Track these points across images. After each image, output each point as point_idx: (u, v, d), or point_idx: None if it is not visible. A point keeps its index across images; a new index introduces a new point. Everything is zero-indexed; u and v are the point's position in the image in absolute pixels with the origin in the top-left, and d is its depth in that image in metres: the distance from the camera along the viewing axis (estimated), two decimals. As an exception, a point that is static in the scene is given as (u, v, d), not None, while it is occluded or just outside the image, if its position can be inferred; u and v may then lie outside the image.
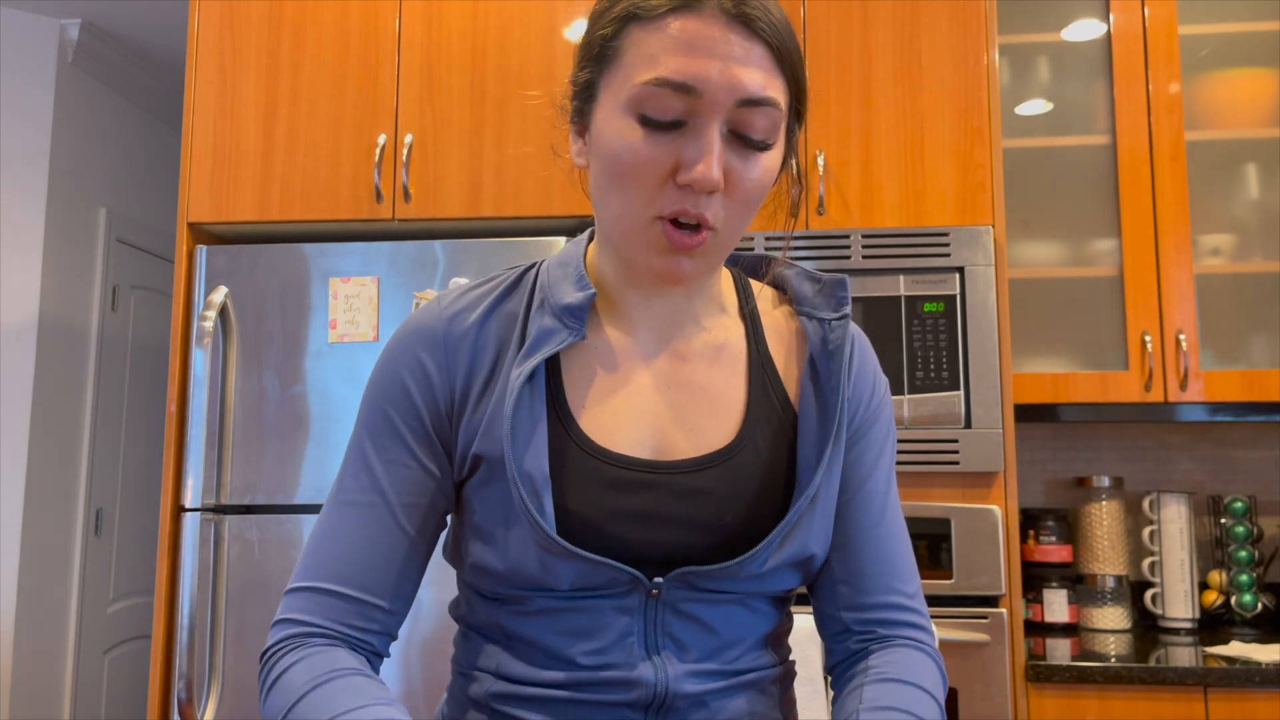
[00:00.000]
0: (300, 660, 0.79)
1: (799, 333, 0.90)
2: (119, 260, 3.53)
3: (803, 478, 0.83)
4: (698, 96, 0.74)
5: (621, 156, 0.77)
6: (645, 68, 0.75)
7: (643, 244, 0.79)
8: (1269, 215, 2.28)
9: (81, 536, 3.28)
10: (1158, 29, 2.27)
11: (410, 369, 0.84)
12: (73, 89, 3.27)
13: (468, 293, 0.88)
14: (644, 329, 0.87)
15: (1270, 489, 2.45)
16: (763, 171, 0.78)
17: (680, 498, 0.81)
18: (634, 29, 0.77)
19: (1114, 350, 2.24)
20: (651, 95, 0.75)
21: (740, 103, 0.75)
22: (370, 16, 2.16)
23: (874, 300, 2.03)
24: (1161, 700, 1.85)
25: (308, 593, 0.82)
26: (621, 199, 0.78)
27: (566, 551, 0.78)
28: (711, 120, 0.75)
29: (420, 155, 2.10)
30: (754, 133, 0.76)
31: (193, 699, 1.91)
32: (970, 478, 1.98)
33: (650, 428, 0.83)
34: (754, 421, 0.85)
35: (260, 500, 2.01)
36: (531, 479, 0.79)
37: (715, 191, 0.76)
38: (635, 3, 0.77)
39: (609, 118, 0.78)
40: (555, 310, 0.83)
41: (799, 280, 0.91)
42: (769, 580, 0.83)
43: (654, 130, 0.75)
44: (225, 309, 2.05)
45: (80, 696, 3.25)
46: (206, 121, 2.16)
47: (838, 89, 2.15)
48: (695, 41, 0.74)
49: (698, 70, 0.74)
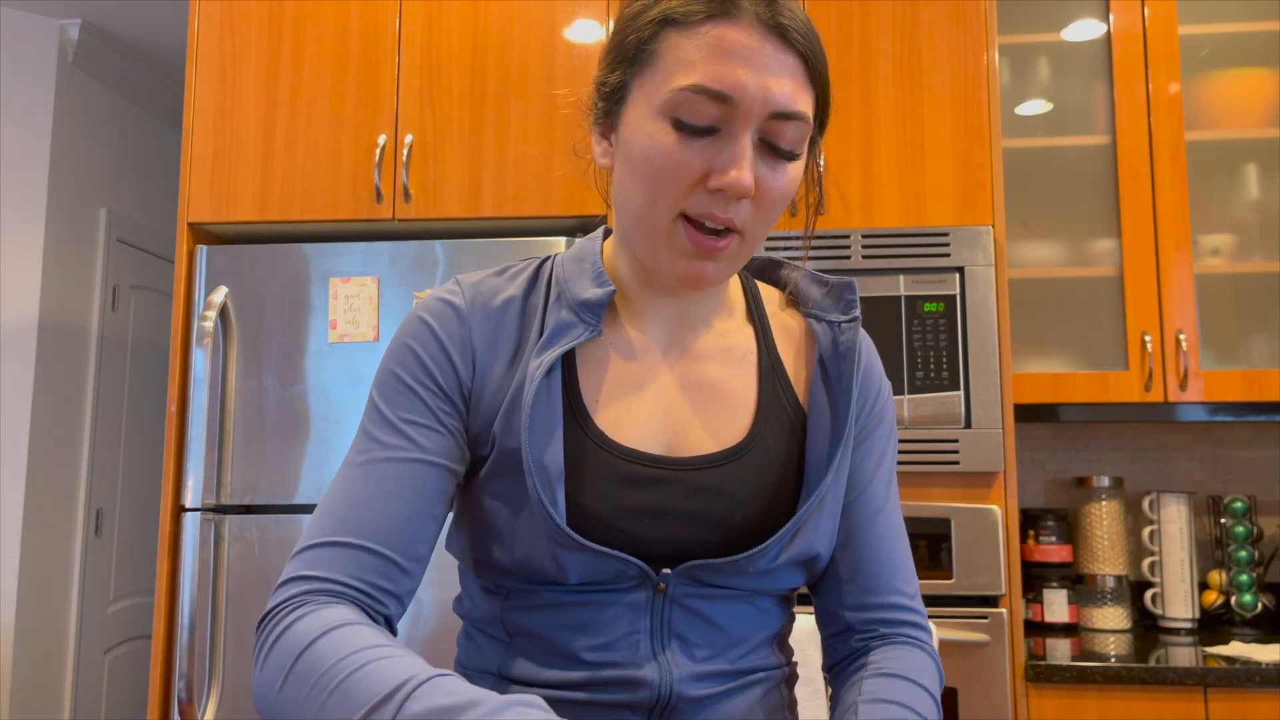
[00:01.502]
0: (309, 614, 0.72)
1: (807, 335, 0.91)
2: (119, 260, 3.53)
3: (812, 477, 0.84)
4: (733, 105, 0.75)
5: (653, 158, 0.77)
6: (682, 73, 0.76)
7: (665, 245, 0.80)
8: (1269, 215, 2.28)
9: (81, 536, 3.28)
10: (1158, 29, 2.27)
11: (432, 340, 0.84)
12: (73, 89, 3.27)
13: (488, 278, 0.88)
14: (657, 328, 0.88)
15: (1270, 489, 2.45)
16: (789, 180, 0.79)
17: (691, 494, 0.81)
18: (670, 33, 0.77)
19: (1114, 350, 2.24)
20: (687, 101, 0.76)
21: (772, 114, 0.76)
22: (370, 16, 2.16)
23: (874, 300, 2.03)
24: (1161, 700, 1.85)
25: (321, 548, 0.77)
26: (648, 199, 0.79)
27: (577, 544, 0.78)
28: (745, 128, 0.76)
29: (420, 155, 2.10)
30: (783, 143, 0.78)
31: (193, 699, 1.91)
32: (970, 478, 1.98)
33: (663, 425, 0.84)
34: (764, 421, 0.85)
35: (260, 500, 2.01)
36: (546, 471, 0.79)
37: (746, 197, 0.77)
38: (673, 7, 0.78)
39: (641, 120, 0.78)
40: (573, 305, 0.83)
41: (806, 283, 0.93)
42: (775, 578, 0.83)
43: (688, 135, 0.76)
44: (225, 309, 2.05)
45: (80, 696, 3.25)
46: (206, 121, 2.16)
47: (838, 89, 2.15)
48: (733, 50, 0.75)
49: (735, 79, 0.75)
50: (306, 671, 0.68)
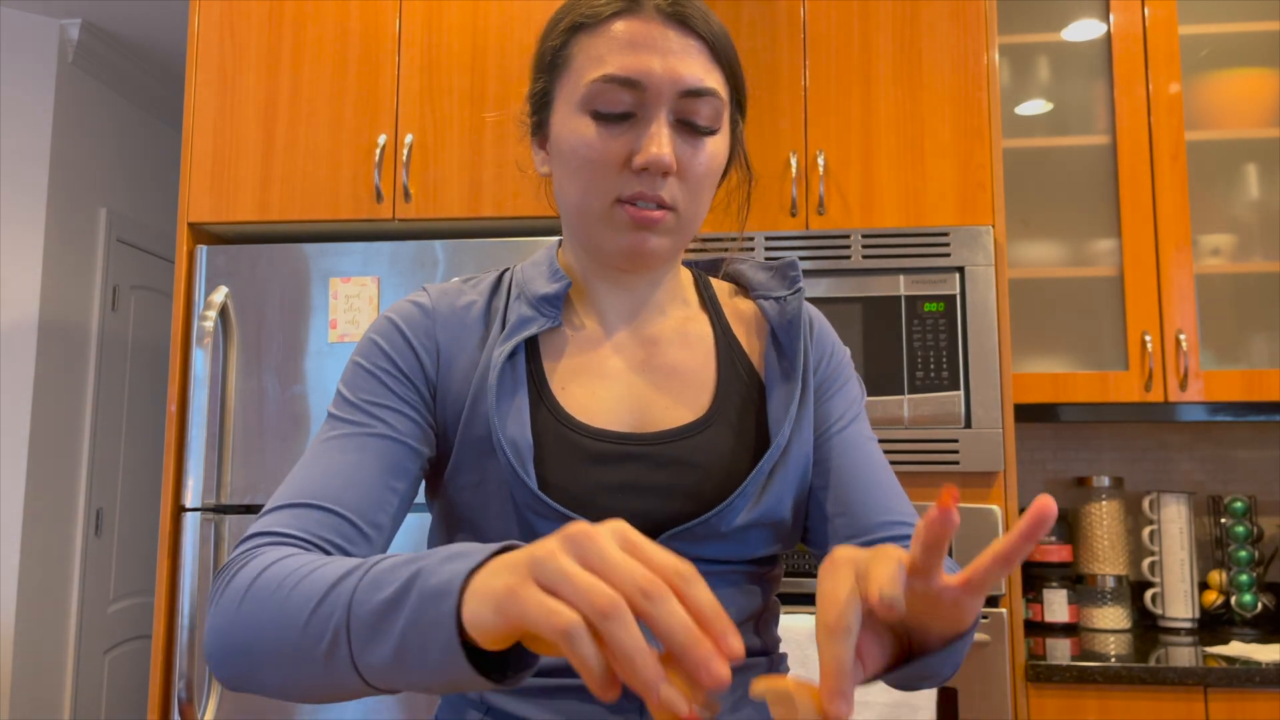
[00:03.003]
0: (265, 554, 0.72)
1: (758, 315, 0.96)
2: (119, 260, 3.53)
3: (772, 431, 0.87)
4: (643, 90, 0.81)
5: (580, 151, 0.83)
6: (593, 68, 0.82)
7: (606, 228, 0.85)
8: (1269, 215, 2.28)
9: (81, 536, 3.28)
10: (1158, 29, 2.27)
11: (399, 336, 0.88)
12: (73, 89, 3.27)
13: (454, 284, 0.93)
14: (615, 319, 0.92)
15: (1270, 489, 2.45)
16: (710, 156, 0.84)
17: (661, 467, 0.84)
18: (581, 36, 0.84)
19: (1114, 350, 2.24)
20: (601, 92, 0.82)
21: (683, 93, 0.82)
22: (370, 16, 2.16)
23: (874, 300, 2.03)
24: (1161, 700, 1.85)
25: (277, 511, 0.77)
26: (582, 190, 0.84)
27: (552, 511, 0.80)
28: (658, 109, 0.82)
29: (420, 155, 2.10)
30: (699, 119, 0.83)
31: (193, 699, 1.91)
32: (970, 478, 1.98)
33: (628, 406, 0.88)
34: (725, 394, 0.90)
35: (261, 500, 2.01)
36: (516, 445, 0.82)
37: (669, 173, 0.82)
38: (580, 12, 0.85)
39: (565, 120, 0.85)
40: (532, 301, 0.89)
41: (753, 270, 0.98)
42: (748, 541, 0.85)
43: (606, 123, 0.82)
44: (225, 309, 2.05)
45: (80, 696, 3.25)
46: (206, 121, 2.16)
47: (838, 89, 2.15)
48: (637, 39, 0.82)
49: (642, 65, 0.81)
50: (266, 582, 0.68)
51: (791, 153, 2.14)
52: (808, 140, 2.14)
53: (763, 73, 2.19)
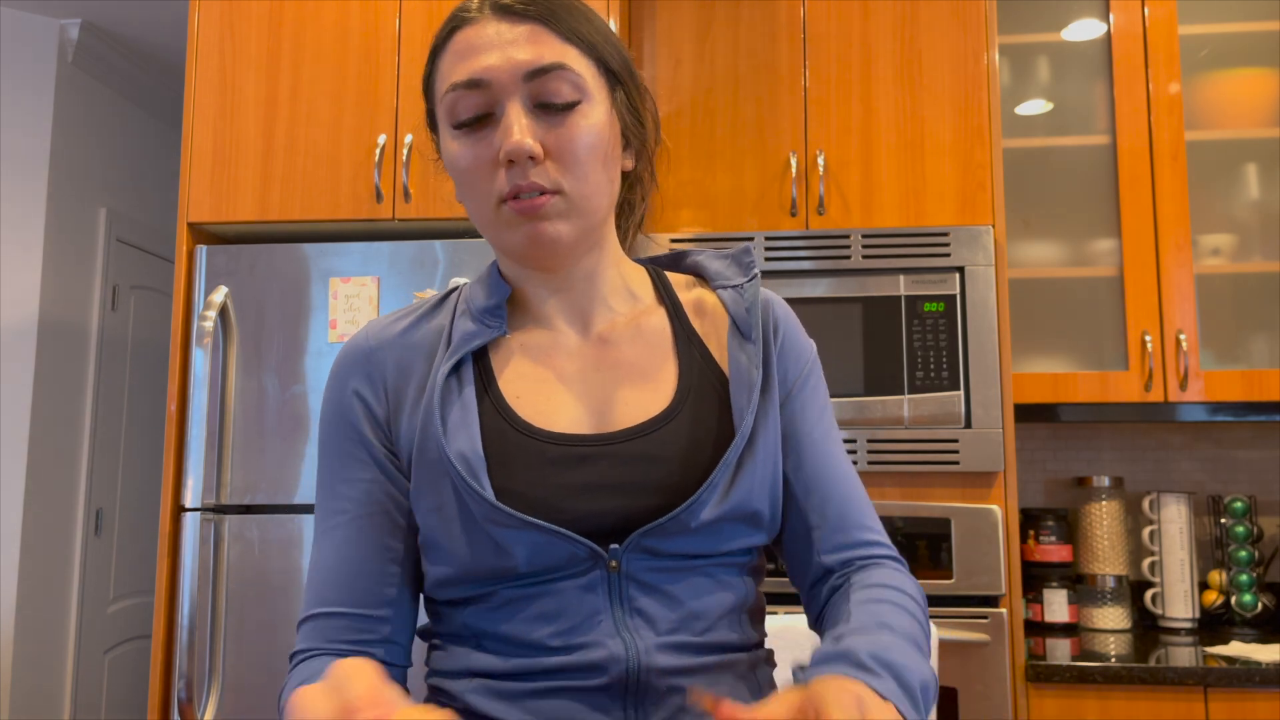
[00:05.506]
0: (290, 685, 0.83)
1: (718, 305, 0.95)
2: (119, 260, 3.53)
3: (736, 421, 0.87)
4: (487, 86, 0.83)
5: (456, 165, 0.86)
6: (444, 84, 0.86)
7: (502, 227, 0.85)
8: (1269, 215, 2.28)
9: (81, 536, 3.28)
10: (1158, 29, 2.27)
11: (343, 391, 0.91)
12: (73, 89, 3.27)
13: (393, 314, 0.95)
14: (560, 321, 0.92)
15: (1270, 489, 2.45)
16: (580, 130, 0.84)
17: (624, 465, 0.84)
18: (438, 60, 0.88)
19: (1114, 350, 2.24)
20: (452, 103, 0.85)
21: (526, 76, 0.82)
22: (370, 16, 2.16)
23: (874, 300, 2.03)
24: (1161, 700, 1.85)
25: (308, 623, 0.88)
26: (472, 200, 0.87)
27: (513, 519, 0.80)
28: (508, 100, 0.83)
29: (420, 155, 2.10)
30: (556, 98, 0.83)
31: (193, 699, 1.91)
32: (970, 478, 1.98)
33: (586, 408, 0.88)
34: (686, 387, 0.89)
35: (260, 500, 2.01)
36: (466, 459, 0.83)
37: (533, 157, 0.82)
38: (434, 41, 0.89)
39: (444, 140, 0.88)
40: (474, 315, 0.91)
41: (709, 260, 0.98)
42: (721, 535, 0.85)
43: (467, 130, 0.85)
44: (225, 309, 2.05)
45: (80, 696, 3.25)
46: (206, 121, 2.16)
47: (838, 89, 2.16)
48: (472, 44, 0.84)
49: (477, 65, 0.83)
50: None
51: (791, 153, 2.14)
52: (808, 140, 2.14)
53: (763, 73, 2.19)
